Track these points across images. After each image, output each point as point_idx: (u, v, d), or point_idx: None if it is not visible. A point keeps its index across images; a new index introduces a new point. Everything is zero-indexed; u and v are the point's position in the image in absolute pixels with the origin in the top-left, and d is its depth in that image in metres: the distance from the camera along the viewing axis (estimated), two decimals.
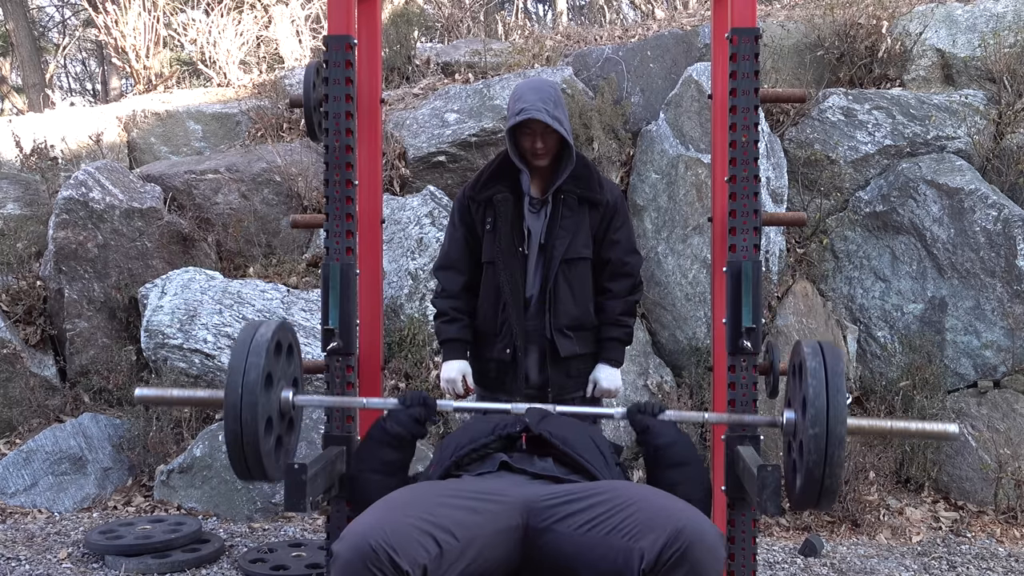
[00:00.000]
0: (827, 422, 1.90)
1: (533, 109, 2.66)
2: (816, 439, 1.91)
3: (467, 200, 2.87)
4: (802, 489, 1.97)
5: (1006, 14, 5.66)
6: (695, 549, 1.78)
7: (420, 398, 2.38)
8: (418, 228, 5.23)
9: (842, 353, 2.05)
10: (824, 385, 1.94)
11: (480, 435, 2.27)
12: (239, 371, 2.00)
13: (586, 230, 2.80)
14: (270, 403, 2.07)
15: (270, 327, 2.09)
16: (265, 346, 2.03)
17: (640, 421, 2.35)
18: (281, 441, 2.15)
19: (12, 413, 5.01)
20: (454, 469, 2.21)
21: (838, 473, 1.92)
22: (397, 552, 1.76)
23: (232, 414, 1.98)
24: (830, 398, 1.92)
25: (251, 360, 2.00)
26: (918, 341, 4.91)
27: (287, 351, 2.19)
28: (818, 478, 1.92)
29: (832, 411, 1.91)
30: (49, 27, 15.40)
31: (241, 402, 1.98)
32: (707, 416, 2.46)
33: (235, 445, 2.00)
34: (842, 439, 1.91)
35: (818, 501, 1.97)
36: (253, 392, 1.99)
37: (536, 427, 2.25)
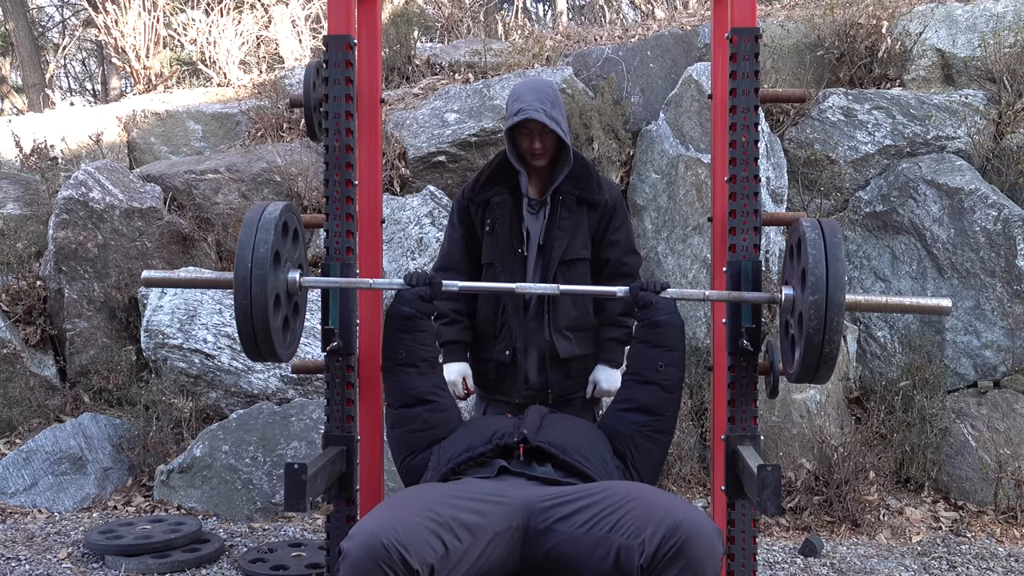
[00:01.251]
0: (827, 288, 1.92)
1: (531, 109, 2.65)
2: (816, 305, 1.92)
3: (466, 201, 2.86)
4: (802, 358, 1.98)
5: (1006, 14, 5.66)
6: (692, 543, 1.78)
7: (426, 277, 2.45)
8: (418, 228, 5.23)
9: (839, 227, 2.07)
10: (823, 254, 1.96)
11: (478, 443, 2.27)
12: (248, 247, 2.02)
13: (585, 231, 2.80)
14: (278, 281, 2.10)
15: (277, 207, 2.12)
16: (273, 223, 2.06)
17: (643, 297, 2.41)
18: (288, 323, 2.17)
19: (12, 413, 5.01)
20: (451, 475, 2.22)
21: (837, 340, 1.94)
22: (408, 550, 1.76)
23: (242, 288, 2.01)
24: (829, 266, 1.95)
25: (260, 237, 2.04)
26: (918, 341, 4.91)
27: (293, 234, 2.22)
28: (817, 344, 1.93)
29: (831, 278, 1.93)
30: (49, 27, 15.39)
31: (251, 276, 2.01)
32: (707, 293, 2.48)
33: (245, 320, 2.03)
34: (841, 305, 1.93)
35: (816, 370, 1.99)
36: (263, 267, 2.02)
37: (534, 439, 2.25)
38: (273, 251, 2.05)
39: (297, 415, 4.56)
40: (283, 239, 2.14)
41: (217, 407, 4.83)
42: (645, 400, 2.40)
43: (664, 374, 2.39)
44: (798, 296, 2.05)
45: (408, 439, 2.44)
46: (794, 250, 2.16)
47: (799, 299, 2.03)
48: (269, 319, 2.04)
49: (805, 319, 1.96)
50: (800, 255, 2.06)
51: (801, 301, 2.00)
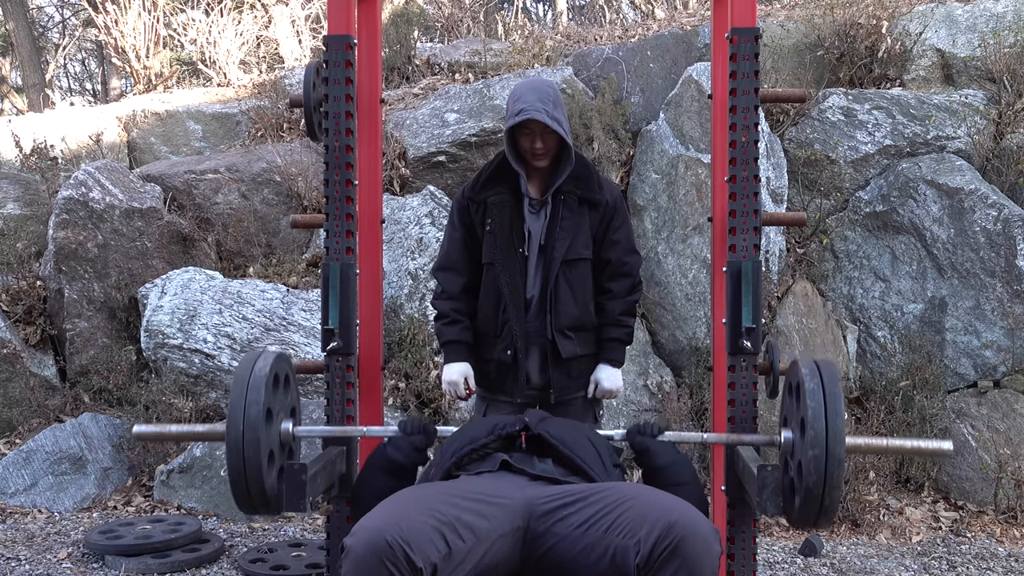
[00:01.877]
0: (826, 444, 1.91)
1: (532, 109, 2.64)
2: (816, 461, 1.92)
3: (466, 201, 2.85)
4: (801, 509, 1.99)
5: (1006, 14, 5.66)
6: (688, 543, 1.78)
7: (420, 425, 2.38)
8: (418, 228, 5.23)
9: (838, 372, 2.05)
10: (823, 407, 1.94)
11: (480, 435, 2.27)
12: (239, 407, 2.01)
13: (586, 231, 2.80)
14: (271, 437, 2.08)
15: (267, 361, 2.10)
16: (264, 381, 2.04)
17: (640, 443, 2.36)
18: (283, 472, 2.16)
19: (12, 413, 5.01)
20: (454, 470, 2.22)
21: (837, 495, 1.94)
22: (412, 548, 1.76)
23: (235, 452, 2.00)
24: (829, 420, 1.93)
25: (251, 397, 2.02)
26: (918, 341, 4.91)
27: (284, 383, 2.19)
28: (818, 498, 1.93)
29: (831, 433, 1.92)
30: (49, 27, 15.40)
31: (243, 439, 2.00)
32: (706, 436, 2.48)
33: (239, 482, 2.03)
34: (841, 460, 1.92)
35: (817, 520, 1.99)
36: (255, 429, 2.00)
37: (535, 427, 2.26)
38: (264, 409, 2.03)
39: None
40: (274, 392, 2.11)
41: (217, 407, 4.83)
42: None
43: None
44: (797, 443, 2.04)
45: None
46: (793, 392, 2.14)
47: (798, 447, 2.03)
48: (263, 478, 2.03)
49: (805, 472, 1.95)
50: (799, 403, 2.05)
51: (800, 451, 2.00)
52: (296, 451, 2.28)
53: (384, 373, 3.12)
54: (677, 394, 4.82)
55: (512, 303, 2.76)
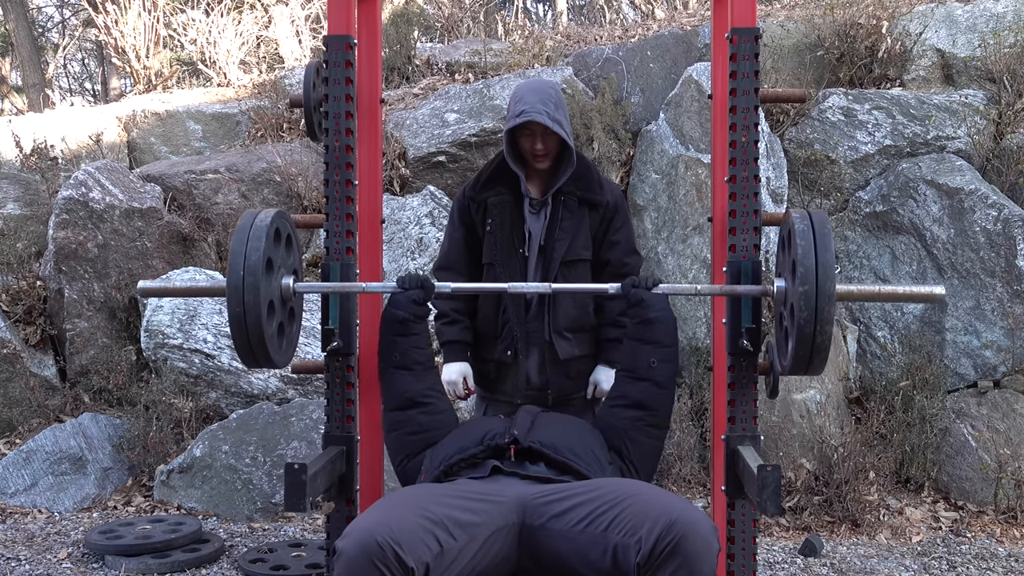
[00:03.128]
0: (816, 278, 1.94)
1: (533, 111, 2.64)
2: (806, 296, 1.94)
3: (467, 201, 2.85)
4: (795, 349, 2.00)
5: (1006, 14, 5.66)
6: (688, 541, 1.79)
7: (418, 280, 2.46)
8: (418, 228, 5.23)
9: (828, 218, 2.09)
10: (812, 245, 1.98)
11: (470, 444, 2.27)
12: (240, 255, 2.03)
13: (586, 231, 2.79)
14: (271, 287, 2.10)
15: (269, 213, 2.12)
16: (265, 231, 2.07)
17: (635, 294, 2.43)
18: (283, 328, 2.17)
19: (12, 413, 5.01)
20: (443, 477, 2.22)
21: (828, 330, 1.96)
22: (403, 548, 1.76)
23: (235, 296, 2.02)
24: (818, 256, 1.96)
25: (251, 244, 2.04)
26: (918, 341, 4.91)
27: (286, 240, 2.22)
28: (809, 335, 1.95)
29: (821, 268, 1.95)
30: (49, 27, 15.39)
31: (243, 284, 2.01)
32: (699, 287, 2.50)
33: (239, 328, 2.04)
34: (831, 295, 1.95)
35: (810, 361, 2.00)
36: (255, 274, 2.02)
37: (525, 440, 2.25)
38: (265, 258, 2.05)
39: (297, 415, 4.56)
40: (275, 245, 2.14)
41: (217, 407, 4.83)
42: (639, 396, 2.41)
43: (657, 370, 2.41)
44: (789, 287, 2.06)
45: (403, 442, 2.44)
46: (785, 242, 2.18)
47: (790, 290, 2.05)
48: (263, 326, 2.04)
49: (796, 310, 1.97)
50: (790, 247, 2.07)
51: (792, 292, 2.02)
52: (298, 312, 2.31)
53: None
54: (677, 394, 4.82)
55: (512, 303, 2.76)
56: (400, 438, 2.44)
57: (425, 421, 2.43)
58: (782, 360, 2.17)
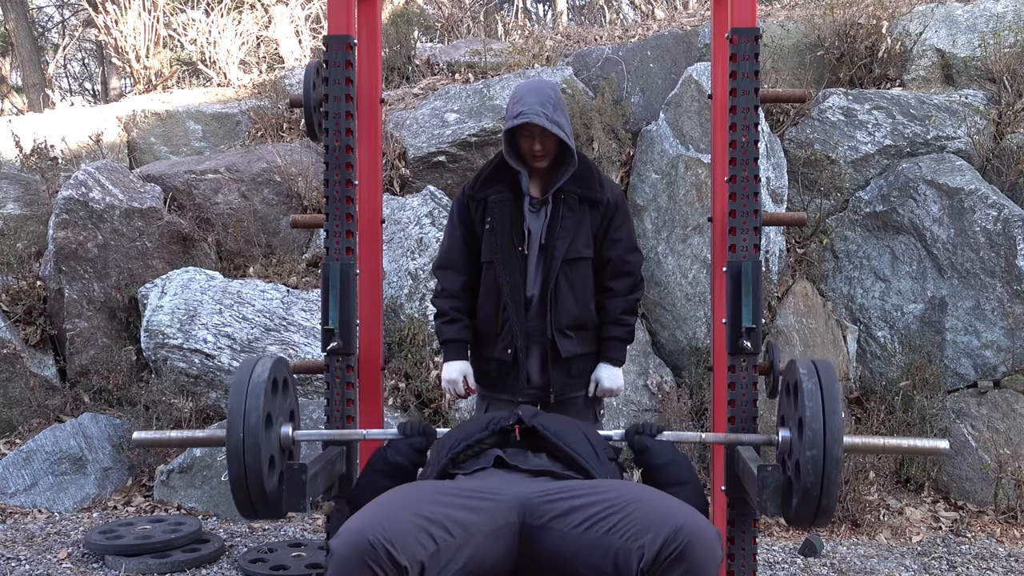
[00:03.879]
0: (824, 444, 1.92)
1: (532, 113, 2.63)
2: (814, 461, 1.92)
3: (466, 199, 2.84)
4: (799, 509, 1.99)
5: (1006, 14, 5.66)
6: (693, 547, 1.78)
7: (420, 428, 2.40)
8: (418, 228, 5.23)
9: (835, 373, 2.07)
10: (821, 407, 1.95)
11: (475, 431, 2.28)
12: (239, 414, 2.02)
13: (587, 229, 2.79)
14: (271, 442, 2.09)
15: (265, 367, 2.10)
16: (263, 387, 2.05)
17: (638, 442, 2.37)
18: (283, 476, 2.16)
19: (12, 413, 5.01)
20: (450, 467, 2.22)
21: (834, 493, 1.95)
22: (395, 547, 1.76)
23: (236, 459, 2.01)
24: (827, 420, 1.94)
25: (250, 403, 2.02)
26: (918, 341, 4.90)
27: (283, 387, 2.20)
28: (815, 498, 1.94)
29: (829, 433, 1.92)
30: (49, 27, 15.40)
31: (244, 446, 2.01)
32: (704, 436, 2.48)
33: (240, 488, 2.04)
34: (839, 460, 1.93)
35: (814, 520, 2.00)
36: (255, 435, 2.01)
37: (529, 420, 2.26)
38: (264, 414, 2.03)
39: None
40: (273, 397, 2.11)
41: (217, 407, 4.83)
42: None
43: None
44: (795, 443, 2.05)
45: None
46: (791, 392, 2.15)
47: (796, 447, 2.03)
48: (264, 482, 2.04)
49: (803, 472, 1.96)
50: (797, 403, 2.05)
51: (799, 450, 2.01)
52: (296, 454, 2.29)
53: (384, 373, 3.11)
54: (677, 394, 4.82)
55: (512, 302, 2.76)
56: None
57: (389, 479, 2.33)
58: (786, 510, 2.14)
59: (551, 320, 2.77)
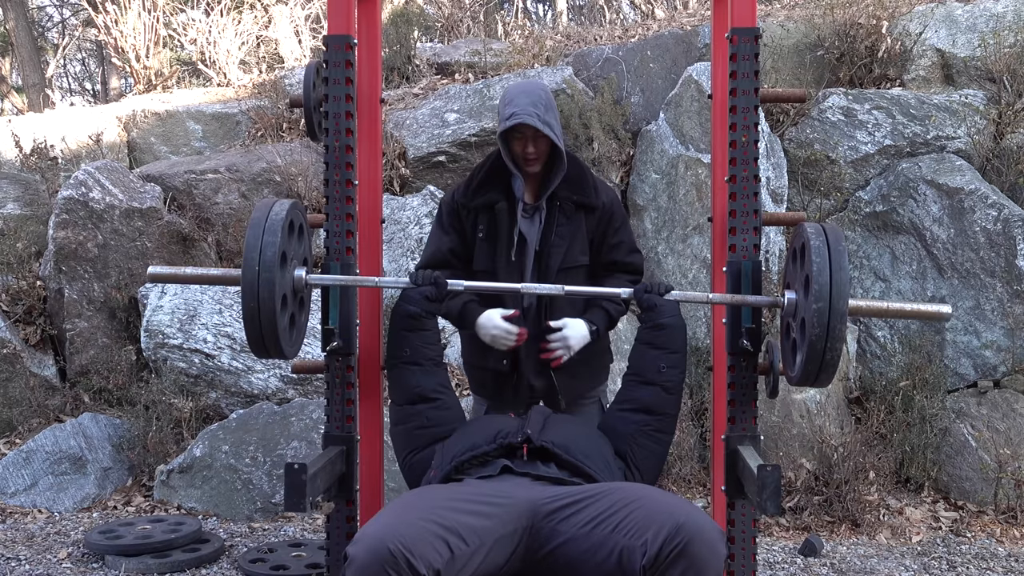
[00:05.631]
0: (830, 296, 1.96)
1: (523, 114, 2.58)
2: (819, 313, 1.96)
3: (456, 206, 2.77)
4: (804, 364, 2.01)
5: (1006, 14, 5.66)
6: (695, 544, 1.79)
7: (431, 277, 2.47)
8: (418, 228, 5.24)
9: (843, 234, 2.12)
10: (827, 262, 2.00)
11: (481, 442, 2.27)
12: (255, 248, 2.05)
13: (583, 236, 2.74)
14: (284, 281, 2.12)
15: (284, 206, 2.14)
16: (280, 224, 2.09)
17: (647, 300, 2.45)
18: (294, 319, 2.20)
19: (12, 413, 5.01)
20: (454, 473, 2.22)
21: (839, 347, 1.98)
22: (414, 555, 1.77)
23: (250, 292, 2.05)
24: (833, 274, 1.98)
25: (267, 239, 2.06)
26: (918, 341, 4.90)
27: (299, 231, 2.25)
28: (820, 351, 1.97)
29: (835, 286, 1.97)
30: (49, 27, 15.40)
31: (258, 280, 2.04)
32: (711, 296, 2.50)
33: (252, 322, 2.07)
34: (844, 313, 1.98)
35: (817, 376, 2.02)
36: (270, 270, 2.05)
37: (537, 439, 2.25)
38: (280, 252, 2.07)
39: (297, 415, 4.56)
40: (289, 238, 2.15)
41: (217, 407, 4.83)
42: (647, 400, 2.42)
43: (666, 375, 2.42)
44: (801, 301, 2.07)
45: (410, 436, 2.45)
46: (797, 254, 2.17)
47: (802, 304, 2.05)
48: (276, 320, 2.07)
49: (808, 326, 1.97)
50: (804, 261, 2.07)
51: (804, 307, 2.02)
52: (307, 300, 2.34)
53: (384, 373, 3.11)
54: None
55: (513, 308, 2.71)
56: (407, 432, 2.45)
57: (434, 416, 2.44)
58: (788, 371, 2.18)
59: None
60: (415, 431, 2.44)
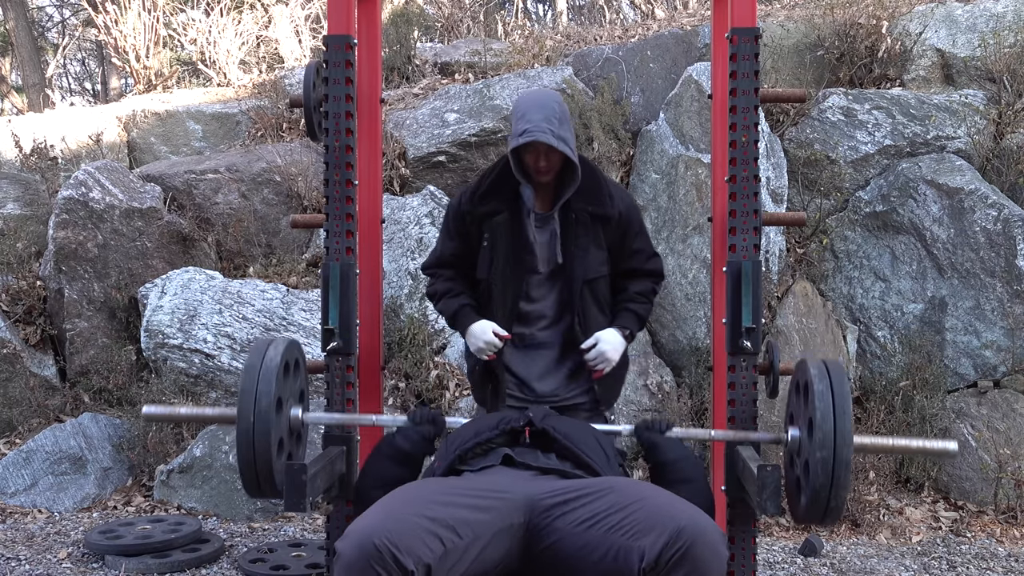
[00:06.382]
0: (835, 446, 1.94)
1: (537, 131, 2.52)
2: (824, 462, 1.93)
3: (463, 213, 2.73)
4: (807, 508, 2.00)
5: (1006, 14, 5.66)
6: (696, 548, 1.78)
7: (429, 416, 2.40)
8: (418, 228, 5.24)
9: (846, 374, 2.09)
10: (831, 409, 1.97)
11: (484, 429, 2.28)
12: (251, 396, 2.02)
13: (602, 247, 2.69)
14: (280, 425, 2.09)
15: (278, 350, 2.10)
16: (275, 371, 2.06)
17: (648, 438, 2.37)
18: (291, 458, 2.17)
19: (12, 413, 5.01)
20: (458, 463, 2.22)
21: (843, 495, 1.96)
22: (401, 550, 1.76)
23: (245, 440, 2.02)
24: (837, 422, 1.96)
25: (262, 387, 2.03)
26: (918, 341, 4.90)
27: (294, 368, 2.20)
28: (824, 499, 1.95)
29: (839, 435, 1.95)
30: (49, 27, 15.40)
31: (254, 429, 2.01)
32: (713, 433, 2.47)
33: (248, 467, 2.04)
34: (848, 462, 1.95)
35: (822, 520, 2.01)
36: (265, 419, 2.02)
37: (540, 423, 2.27)
38: (275, 398, 2.04)
39: None
40: (284, 380, 2.11)
41: (217, 407, 4.83)
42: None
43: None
44: (804, 443, 2.05)
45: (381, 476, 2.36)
46: (800, 391, 2.14)
47: (805, 447, 2.04)
48: (272, 463, 2.05)
49: (812, 474, 1.96)
50: (807, 402, 2.05)
51: (808, 451, 2.01)
52: (304, 436, 2.30)
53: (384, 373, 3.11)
54: (677, 394, 4.82)
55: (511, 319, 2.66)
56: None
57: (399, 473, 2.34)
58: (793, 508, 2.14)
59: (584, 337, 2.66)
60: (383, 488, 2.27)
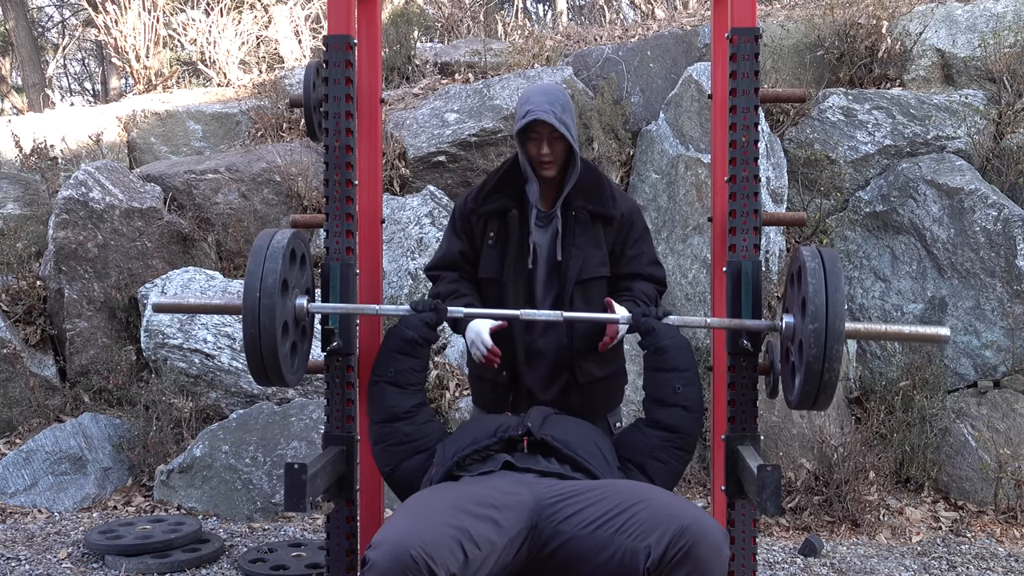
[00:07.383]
0: (826, 317, 1.97)
1: (539, 111, 2.53)
2: (816, 334, 1.96)
3: (468, 211, 2.73)
4: (802, 385, 2.02)
5: (1006, 14, 5.67)
6: (699, 547, 1.80)
7: (431, 304, 2.47)
8: (418, 228, 5.24)
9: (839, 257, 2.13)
10: (823, 284, 2.00)
11: (482, 436, 2.27)
12: (257, 276, 2.06)
13: (602, 248, 2.68)
14: (286, 308, 2.13)
15: (285, 235, 2.16)
16: (281, 252, 2.10)
17: (645, 324, 2.43)
18: (296, 347, 2.19)
19: (12, 413, 5.01)
20: (456, 469, 2.22)
21: (836, 368, 1.98)
22: (435, 561, 1.78)
23: (251, 318, 2.05)
24: (829, 295, 1.99)
25: (268, 266, 2.07)
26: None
27: (300, 260, 2.26)
28: (817, 372, 1.97)
29: (831, 307, 1.98)
30: (49, 27, 15.40)
31: (259, 306, 2.04)
32: (709, 321, 2.50)
33: (253, 348, 2.07)
34: (841, 333, 1.97)
35: (816, 397, 2.02)
36: (271, 296, 2.05)
37: (538, 431, 2.26)
38: (281, 279, 2.08)
39: (297, 415, 4.56)
40: (291, 266, 2.16)
41: (217, 407, 4.83)
42: (669, 421, 2.38)
43: (683, 395, 2.38)
44: (798, 324, 2.07)
45: (389, 453, 2.43)
46: (795, 278, 2.17)
47: (799, 327, 2.05)
48: (277, 347, 2.07)
49: (805, 347, 1.98)
50: (800, 284, 2.08)
51: (801, 329, 2.02)
52: (309, 330, 2.34)
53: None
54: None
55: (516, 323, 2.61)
56: (386, 450, 2.43)
57: (411, 431, 2.42)
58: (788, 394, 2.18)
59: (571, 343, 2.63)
60: (393, 447, 2.42)
